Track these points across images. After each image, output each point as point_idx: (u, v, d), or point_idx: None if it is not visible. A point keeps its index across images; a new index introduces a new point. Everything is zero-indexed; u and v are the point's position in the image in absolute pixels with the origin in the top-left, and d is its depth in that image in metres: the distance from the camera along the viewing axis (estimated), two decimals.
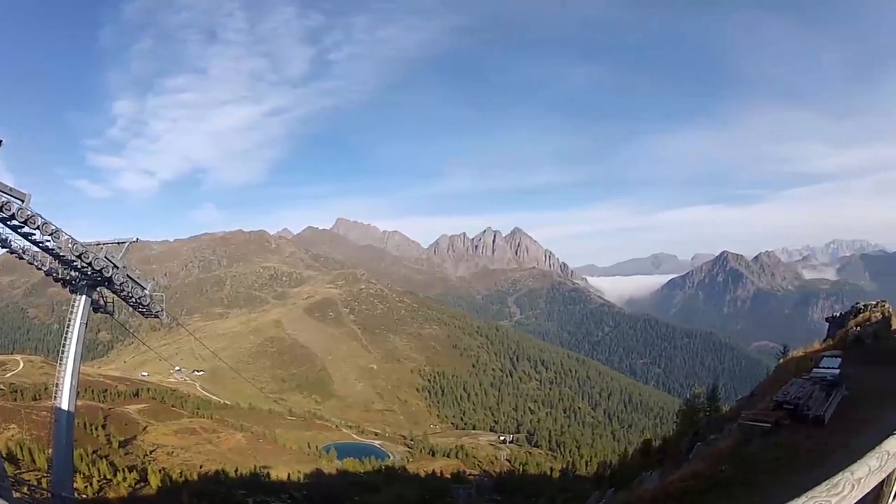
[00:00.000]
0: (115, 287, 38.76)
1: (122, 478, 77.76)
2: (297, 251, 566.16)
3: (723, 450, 22.62)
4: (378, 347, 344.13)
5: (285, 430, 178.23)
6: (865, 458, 4.08)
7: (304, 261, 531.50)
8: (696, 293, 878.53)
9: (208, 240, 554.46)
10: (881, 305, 43.77)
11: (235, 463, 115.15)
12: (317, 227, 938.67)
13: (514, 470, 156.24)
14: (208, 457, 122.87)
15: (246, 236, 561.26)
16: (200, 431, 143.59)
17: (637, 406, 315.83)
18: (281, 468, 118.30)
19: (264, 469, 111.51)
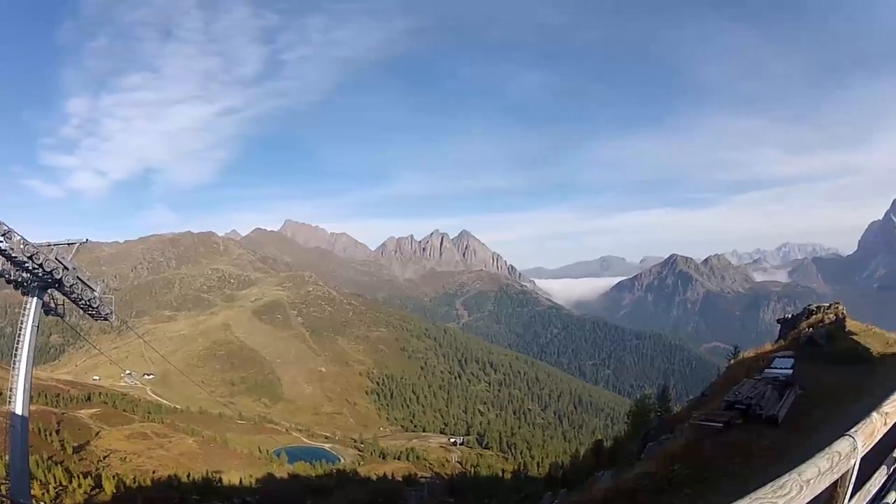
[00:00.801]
0: (66, 289, 38.37)
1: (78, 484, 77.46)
2: (245, 253, 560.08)
3: (675, 450, 22.55)
4: (326, 350, 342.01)
5: (236, 435, 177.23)
6: (815, 458, 4.03)
7: (252, 263, 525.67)
8: (646, 295, 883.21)
9: (157, 241, 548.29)
10: (835, 307, 44.65)
11: (187, 468, 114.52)
12: (265, 229, 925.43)
13: (466, 472, 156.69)
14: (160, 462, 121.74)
15: (194, 238, 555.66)
16: (152, 436, 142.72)
17: (587, 407, 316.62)
18: (233, 473, 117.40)
19: (216, 474, 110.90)
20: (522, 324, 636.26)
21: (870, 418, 4.87)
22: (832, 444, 4.30)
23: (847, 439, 4.43)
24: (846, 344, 34.70)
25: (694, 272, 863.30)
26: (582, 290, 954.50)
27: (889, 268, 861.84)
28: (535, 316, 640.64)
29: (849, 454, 4.31)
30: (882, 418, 4.95)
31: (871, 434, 4.82)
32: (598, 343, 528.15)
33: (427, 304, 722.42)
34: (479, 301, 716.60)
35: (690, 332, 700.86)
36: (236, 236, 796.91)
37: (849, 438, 4.44)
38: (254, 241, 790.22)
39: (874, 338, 37.02)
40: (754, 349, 43.68)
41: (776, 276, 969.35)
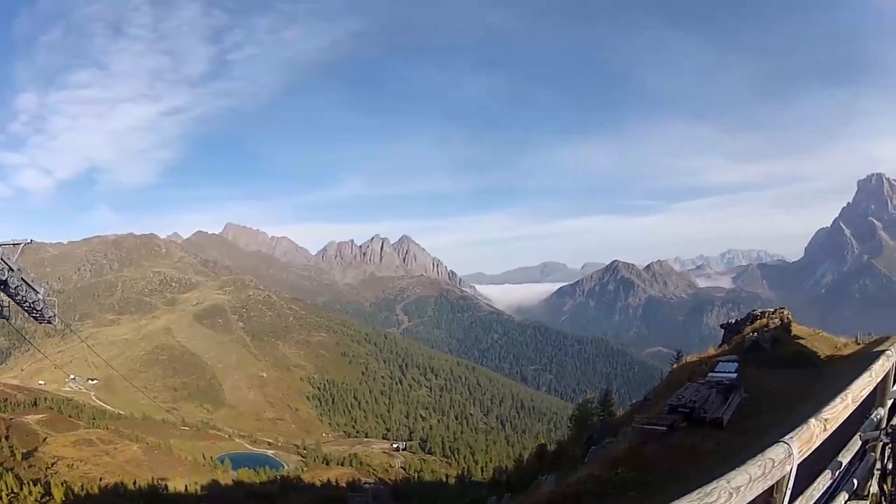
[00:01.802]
0: (10, 291, 37.96)
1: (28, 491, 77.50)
2: (186, 256, 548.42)
3: (618, 453, 22.94)
4: (267, 355, 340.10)
5: (179, 441, 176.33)
6: (746, 465, 3.88)
7: (193, 266, 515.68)
8: (587, 301, 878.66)
9: (100, 242, 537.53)
10: (780, 312, 45.03)
11: (133, 475, 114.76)
12: (206, 232, 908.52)
13: (410, 477, 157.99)
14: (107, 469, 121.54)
15: (137, 240, 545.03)
16: (97, 443, 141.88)
17: (530, 412, 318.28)
18: (178, 480, 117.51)
19: (162, 481, 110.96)
20: (463, 329, 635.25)
21: (807, 424, 4.93)
22: (765, 451, 4.17)
23: (781, 446, 4.33)
24: (792, 348, 35.32)
25: (636, 278, 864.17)
26: (523, 296, 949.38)
27: (837, 274, 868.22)
28: (476, 321, 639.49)
29: (783, 461, 4.20)
30: (821, 424, 5.11)
31: (808, 440, 4.81)
32: (539, 348, 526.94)
33: (367, 309, 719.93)
34: (420, 306, 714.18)
35: (633, 337, 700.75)
36: (178, 239, 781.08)
37: (783, 445, 4.35)
38: (195, 243, 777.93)
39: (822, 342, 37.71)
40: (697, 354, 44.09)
41: (720, 282, 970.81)
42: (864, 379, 6.87)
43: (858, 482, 7.70)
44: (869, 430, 7.80)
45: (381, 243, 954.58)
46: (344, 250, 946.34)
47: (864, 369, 7.22)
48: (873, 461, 7.98)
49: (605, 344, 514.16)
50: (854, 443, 7.42)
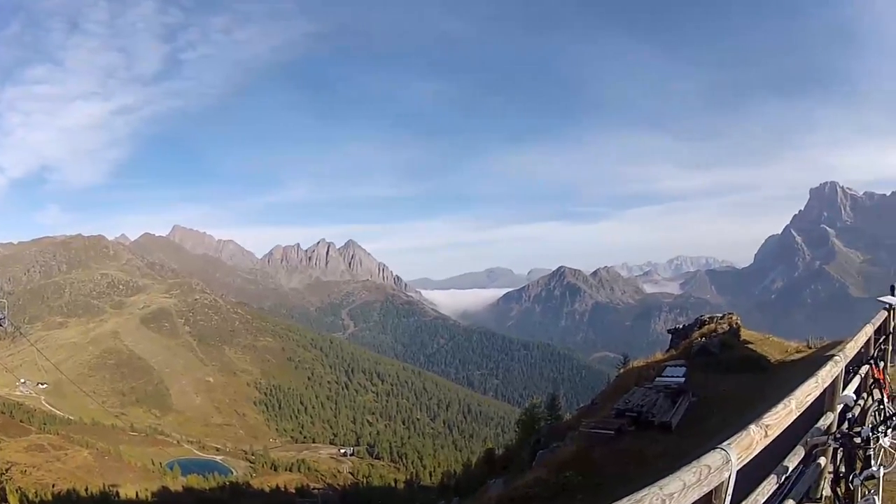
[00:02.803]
0: None
1: None
2: (133, 258, 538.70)
3: (566, 457, 23.05)
4: (214, 360, 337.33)
5: (129, 447, 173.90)
6: (680, 471, 3.82)
7: (140, 269, 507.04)
8: (533, 307, 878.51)
9: (49, 243, 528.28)
10: (728, 317, 44.66)
11: (85, 481, 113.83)
12: (153, 234, 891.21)
13: (359, 483, 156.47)
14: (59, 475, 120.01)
15: (85, 241, 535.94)
16: (49, 448, 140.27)
17: (477, 416, 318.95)
18: (129, 486, 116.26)
19: (113, 488, 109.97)
20: (409, 334, 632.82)
21: (747, 431, 4.88)
22: (701, 458, 4.12)
23: (719, 452, 4.29)
24: (741, 352, 35.10)
25: (583, 284, 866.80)
26: (469, 301, 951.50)
27: (788, 280, 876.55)
28: (422, 326, 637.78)
29: (720, 467, 4.15)
30: (762, 430, 5.07)
31: (747, 447, 4.76)
32: (485, 353, 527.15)
33: (313, 313, 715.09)
34: (365, 311, 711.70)
35: (580, 342, 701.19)
36: (126, 240, 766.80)
37: (721, 451, 4.31)
38: (142, 245, 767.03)
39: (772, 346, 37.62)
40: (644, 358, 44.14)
41: (667, 288, 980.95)
42: (809, 385, 6.86)
43: (810, 486, 7.92)
44: (817, 434, 7.88)
45: (327, 248, 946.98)
46: (290, 254, 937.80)
47: (811, 375, 7.24)
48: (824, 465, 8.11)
49: (551, 349, 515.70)
50: (801, 447, 7.50)
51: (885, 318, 14.99)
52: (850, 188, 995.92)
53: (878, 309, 15.02)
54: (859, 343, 10.79)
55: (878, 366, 11.37)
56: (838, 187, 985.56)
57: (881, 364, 11.99)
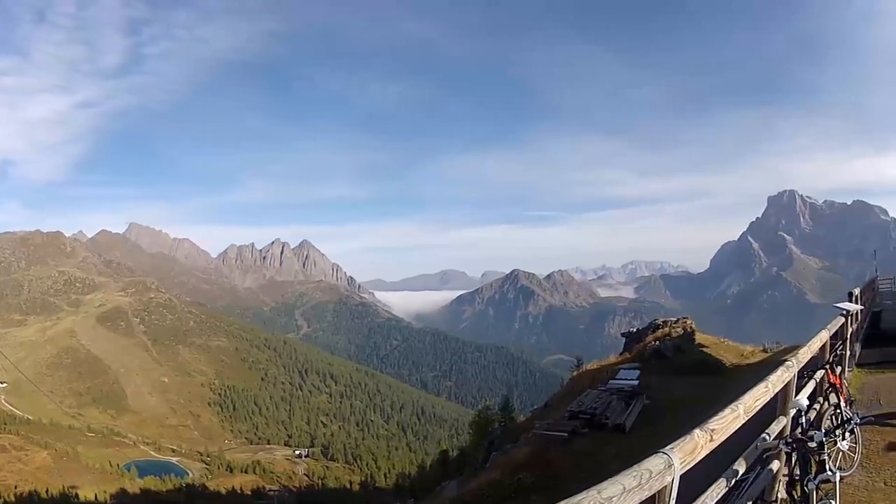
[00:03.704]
0: None
1: None
2: (90, 256, 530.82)
3: (520, 458, 23.21)
4: (168, 360, 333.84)
5: (86, 448, 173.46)
6: (620, 475, 3.81)
7: (96, 266, 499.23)
8: (487, 309, 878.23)
9: (9, 240, 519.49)
10: (683, 321, 45.68)
11: (45, 483, 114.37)
12: (110, 231, 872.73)
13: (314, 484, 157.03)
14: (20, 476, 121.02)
15: (44, 237, 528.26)
16: (10, 449, 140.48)
17: (431, 418, 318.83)
18: (87, 488, 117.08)
19: (73, 489, 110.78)
20: (362, 335, 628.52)
21: (691, 435, 4.90)
22: (642, 462, 4.11)
23: (661, 456, 4.29)
24: (696, 356, 35.66)
25: (536, 287, 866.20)
26: (422, 303, 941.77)
27: (744, 285, 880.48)
28: (375, 328, 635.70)
29: (662, 472, 4.14)
30: (706, 435, 5.08)
31: (691, 451, 4.76)
32: (439, 355, 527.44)
33: (267, 314, 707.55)
34: (319, 312, 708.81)
35: (533, 345, 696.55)
36: (83, 237, 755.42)
37: (663, 455, 4.31)
38: (99, 243, 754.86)
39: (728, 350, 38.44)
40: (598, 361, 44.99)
41: (622, 292, 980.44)
42: (758, 390, 6.90)
43: (764, 489, 7.81)
44: (769, 439, 7.85)
45: (282, 248, 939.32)
46: (244, 254, 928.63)
47: (761, 380, 7.31)
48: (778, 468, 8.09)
49: (505, 351, 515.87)
50: (753, 451, 7.49)
51: (843, 324, 15.21)
52: (809, 196, 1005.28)
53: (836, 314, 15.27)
54: (813, 348, 10.94)
55: (834, 371, 11.55)
56: (797, 195, 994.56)
57: (838, 369, 12.18)
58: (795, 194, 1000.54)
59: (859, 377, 18.23)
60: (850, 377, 17.38)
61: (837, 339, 14.43)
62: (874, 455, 11.22)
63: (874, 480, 10.13)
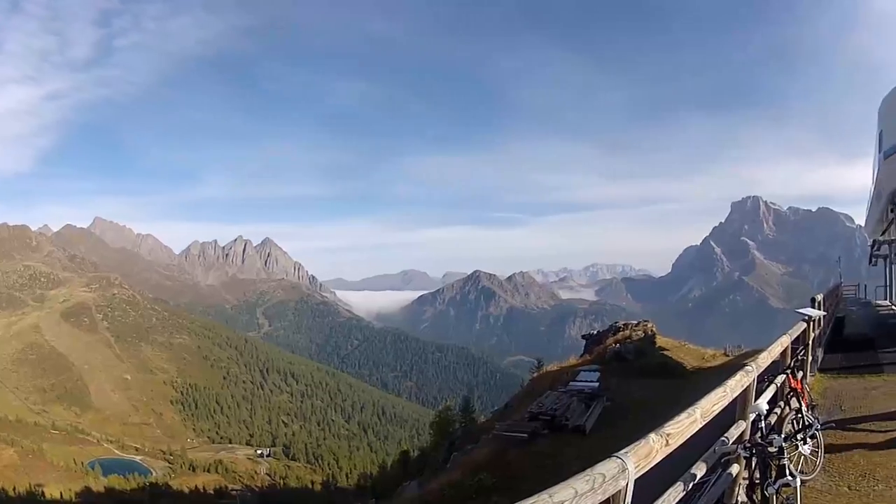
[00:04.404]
0: None
1: None
2: (55, 250, 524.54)
3: (480, 459, 23.16)
4: (131, 357, 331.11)
5: (51, 445, 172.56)
6: (573, 479, 3.79)
7: (61, 261, 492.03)
8: (448, 310, 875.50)
9: None
10: (643, 324, 45.96)
11: (12, 480, 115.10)
12: (75, 226, 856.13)
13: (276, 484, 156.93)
14: None
15: (10, 231, 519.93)
16: None
17: (391, 418, 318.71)
18: (53, 486, 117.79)
19: (39, 487, 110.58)
20: (323, 335, 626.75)
21: (646, 439, 4.87)
22: (595, 466, 4.09)
23: (614, 461, 4.28)
24: (656, 359, 35.89)
25: (497, 288, 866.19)
26: (383, 303, 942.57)
27: (706, 289, 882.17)
28: (336, 327, 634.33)
29: (616, 476, 4.12)
30: (662, 439, 5.05)
31: (646, 455, 4.74)
32: (399, 355, 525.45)
33: (229, 311, 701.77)
34: (280, 310, 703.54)
35: (494, 346, 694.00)
36: (48, 231, 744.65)
37: (616, 460, 4.30)
38: (64, 237, 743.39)
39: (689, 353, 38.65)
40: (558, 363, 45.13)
41: (583, 294, 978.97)
42: (716, 394, 6.93)
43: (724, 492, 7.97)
44: (727, 443, 7.92)
45: (244, 245, 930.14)
46: (207, 251, 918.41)
47: (719, 384, 7.30)
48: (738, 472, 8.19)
49: (465, 352, 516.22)
50: (711, 455, 7.51)
51: (805, 330, 15.32)
52: (773, 203, 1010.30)
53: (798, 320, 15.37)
54: (774, 353, 10.99)
55: (795, 376, 11.58)
56: (761, 202, 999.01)
57: (799, 374, 12.22)
58: (760, 200, 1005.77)
59: (822, 382, 18.36)
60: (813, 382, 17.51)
61: (799, 344, 14.53)
62: (837, 459, 11.25)
63: (838, 484, 10.16)
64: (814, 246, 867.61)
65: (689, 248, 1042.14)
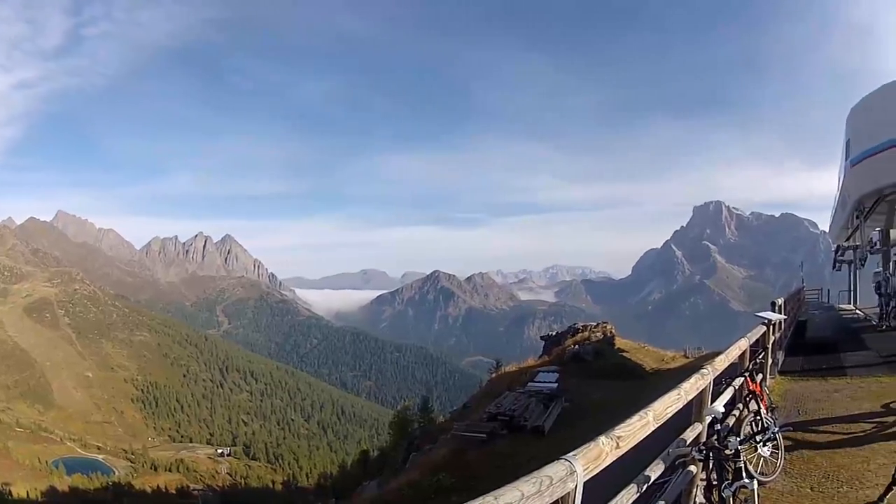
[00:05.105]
0: None
1: None
2: (18, 244, 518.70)
3: (438, 459, 23.35)
4: (93, 354, 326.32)
5: (16, 443, 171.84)
6: (519, 481, 3.77)
7: (24, 255, 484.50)
8: (406, 309, 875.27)
9: None
10: (602, 326, 46.55)
11: None
12: (38, 219, 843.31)
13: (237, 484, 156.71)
14: None
15: None
16: None
17: (351, 418, 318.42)
18: (20, 485, 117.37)
19: (6, 486, 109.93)
20: (282, 333, 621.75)
21: (596, 442, 4.83)
22: (543, 468, 4.04)
23: (562, 463, 4.23)
24: (615, 360, 36.28)
25: (456, 289, 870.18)
26: (342, 302, 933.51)
27: (666, 292, 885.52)
28: (295, 325, 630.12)
29: (564, 478, 4.08)
30: (612, 442, 5.02)
31: (595, 458, 4.71)
32: (358, 354, 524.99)
33: (189, 308, 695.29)
34: (240, 308, 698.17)
35: (453, 346, 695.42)
36: (12, 224, 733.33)
37: (564, 462, 4.25)
38: (28, 230, 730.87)
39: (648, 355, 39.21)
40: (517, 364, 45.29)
41: (542, 296, 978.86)
42: (670, 397, 6.94)
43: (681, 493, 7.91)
44: (682, 445, 7.97)
45: (205, 242, 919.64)
46: (168, 247, 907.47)
47: (673, 387, 7.28)
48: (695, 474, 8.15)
49: (424, 352, 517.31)
50: (666, 458, 7.45)
51: (764, 333, 15.40)
52: (736, 208, 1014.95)
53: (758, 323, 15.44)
54: (731, 356, 11.02)
55: (754, 378, 11.61)
56: (724, 206, 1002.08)
57: (759, 377, 12.26)
58: (722, 205, 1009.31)
59: (783, 384, 18.44)
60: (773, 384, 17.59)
61: (759, 347, 14.60)
62: (799, 461, 11.29)
63: (800, 486, 10.17)
64: (776, 250, 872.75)
65: (649, 251, 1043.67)
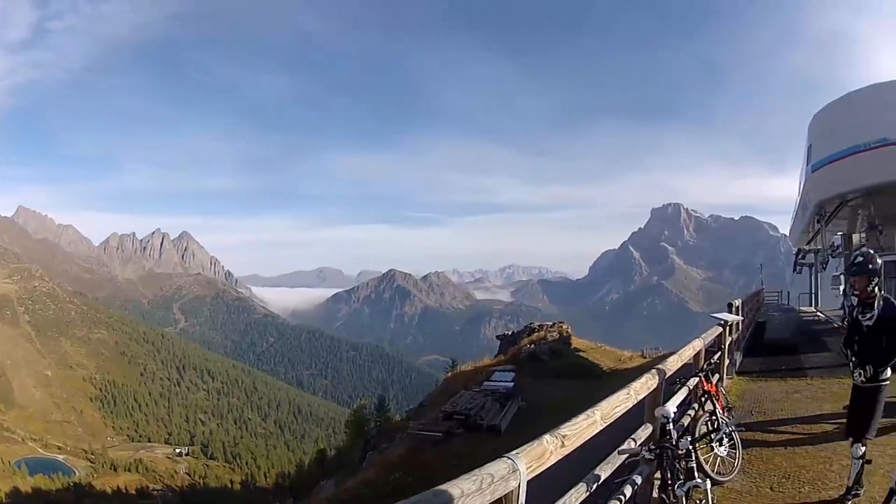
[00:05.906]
0: None
1: None
2: None
3: (395, 458, 23.41)
4: (52, 352, 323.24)
5: None
6: (459, 479, 3.69)
7: None
8: (362, 308, 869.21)
9: None
10: (559, 325, 47.03)
11: None
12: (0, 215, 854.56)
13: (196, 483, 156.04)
14: None
15: None
16: None
17: (307, 417, 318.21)
18: None
19: None
20: (238, 331, 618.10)
21: (540, 440, 4.77)
22: (484, 466, 4.02)
23: (505, 461, 4.19)
24: (572, 360, 36.57)
25: (412, 287, 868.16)
26: (298, 300, 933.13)
27: (623, 292, 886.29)
28: (251, 324, 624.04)
29: (505, 476, 4.05)
30: (557, 441, 4.96)
31: (539, 456, 4.65)
32: (314, 353, 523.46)
33: (146, 306, 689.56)
34: (196, 306, 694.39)
35: (409, 345, 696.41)
36: None
37: (507, 460, 4.22)
38: None
39: (605, 355, 39.37)
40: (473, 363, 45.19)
41: (498, 295, 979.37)
42: (618, 396, 7.00)
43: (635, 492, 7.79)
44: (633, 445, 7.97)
45: (162, 238, 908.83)
46: (125, 243, 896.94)
47: (622, 387, 7.34)
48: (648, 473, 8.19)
49: (380, 351, 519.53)
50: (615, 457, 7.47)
51: (720, 334, 15.47)
52: (694, 210, 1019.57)
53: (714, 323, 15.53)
54: (684, 357, 11.02)
55: (710, 379, 11.63)
56: (682, 208, 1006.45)
57: (714, 377, 12.29)
58: (681, 207, 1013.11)
59: (740, 385, 18.54)
60: (731, 385, 17.69)
61: (715, 348, 14.70)
62: (758, 460, 11.29)
63: (759, 486, 10.12)
64: (735, 253, 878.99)
65: (607, 252, 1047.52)
